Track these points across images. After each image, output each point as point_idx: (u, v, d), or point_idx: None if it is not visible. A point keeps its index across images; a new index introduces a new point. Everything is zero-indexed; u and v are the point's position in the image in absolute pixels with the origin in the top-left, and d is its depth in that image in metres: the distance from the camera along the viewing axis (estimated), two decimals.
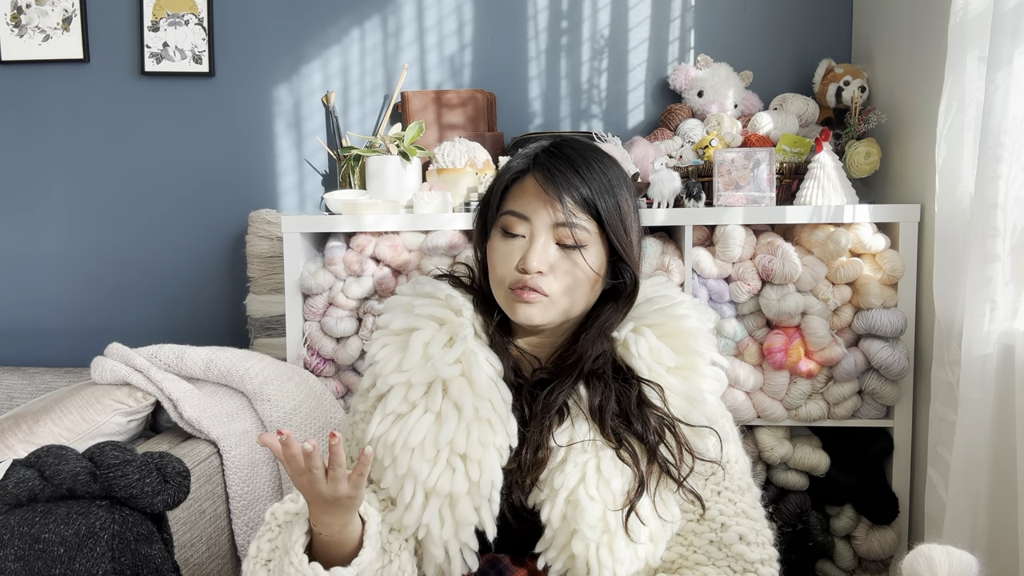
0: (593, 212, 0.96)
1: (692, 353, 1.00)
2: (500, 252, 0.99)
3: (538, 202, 0.96)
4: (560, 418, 0.97)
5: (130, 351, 1.60)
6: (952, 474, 1.37)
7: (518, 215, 0.98)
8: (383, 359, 1.01)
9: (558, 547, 0.93)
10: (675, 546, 0.97)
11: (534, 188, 0.97)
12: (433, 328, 1.01)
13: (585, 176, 0.96)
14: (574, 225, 0.95)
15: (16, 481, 1.09)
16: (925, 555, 0.80)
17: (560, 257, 0.97)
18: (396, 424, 0.97)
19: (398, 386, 0.98)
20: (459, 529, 0.93)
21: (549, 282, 0.96)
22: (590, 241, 0.97)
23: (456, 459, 0.94)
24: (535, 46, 2.23)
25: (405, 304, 1.05)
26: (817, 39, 2.16)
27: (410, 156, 2.00)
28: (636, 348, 0.99)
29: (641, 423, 0.95)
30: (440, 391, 0.96)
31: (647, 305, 1.04)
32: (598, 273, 0.98)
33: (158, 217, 2.32)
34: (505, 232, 0.99)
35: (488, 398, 0.95)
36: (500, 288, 0.99)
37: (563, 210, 0.94)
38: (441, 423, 0.95)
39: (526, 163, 1.00)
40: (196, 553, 1.43)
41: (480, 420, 0.95)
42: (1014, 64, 1.26)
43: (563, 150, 0.99)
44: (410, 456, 0.94)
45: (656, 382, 0.98)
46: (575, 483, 0.92)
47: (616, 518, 0.91)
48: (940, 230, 1.51)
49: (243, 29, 2.25)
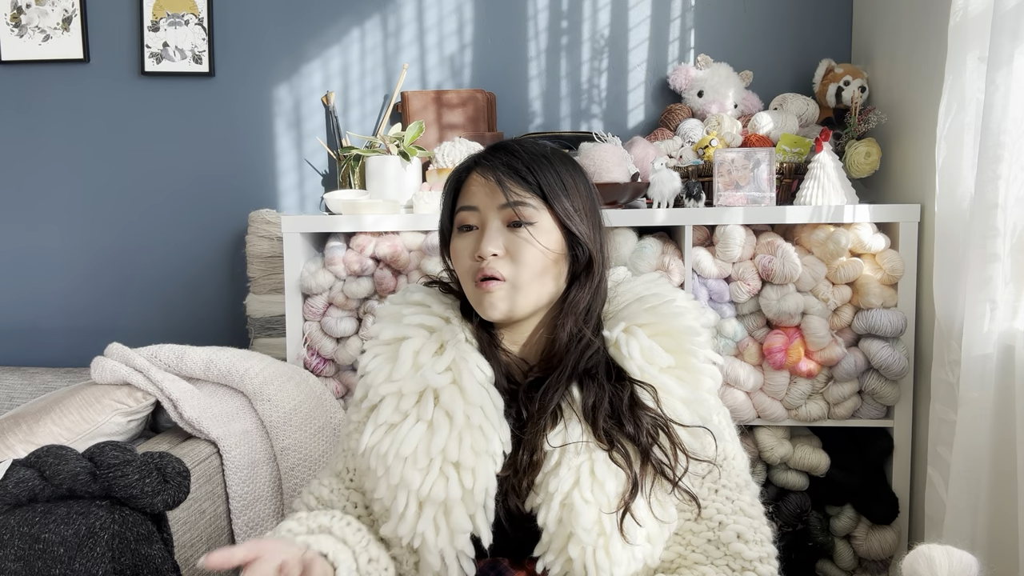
0: (536, 189, 0.98)
1: (685, 352, 1.00)
2: (459, 248, 1.01)
3: (483, 191, 0.99)
4: (554, 420, 0.97)
5: (130, 351, 1.60)
6: (952, 474, 1.37)
7: (467, 207, 1.00)
8: (374, 370, 1.02)
9: (555, 550, 0.93)
10: (673, 545, 0.97)
11: (478, 180, 1.00)
12: (423, 336, 1.01)
13: (522, 158, 0.99)
14: (517, 203, 0.97)
15: (16, 481, 1.09)
16: (925, 555, 0.80)
17: (513, 239, 0.98)
18: (388, 434, 0.97)
19: (389, 396, 0.99)
20: (454, 537, 0.93)
21: (505, 265, 0.97)
22: (537, 217, 0.98)
23: (449, 467, 0.94)
24: (535, 46, 2.23)
25: (394, 313, 1.05)
26: (817, 39, 2.16)
27: (410, 156, 2.00)
28: (628, 349, 0.99)
29: (633, 424, 0.94)
30: (431, 400, 0.97)
31: (638, 304, 1.04)
32: (553, 250, 0.99)
33: (158, 217, 2.32)
34: (460, 228, 1.02)
35: (479, 405, 0.96)
36: (468, 286, 1.01)
37: (504, 191, 0.97)
38: (433, 432, 0.95)
39: (469, 163, 1.03)
40: (196, 553, 1.43)
41: (472, 427, 0.95)
42: (1014, 64, 1.26)
43: (504, 145, 1.03)
44: (402, 466, 0.94)
45: (649, 383, 0.97)
46: (569, 486, 0.92)
47: (612, 520, 0.91)
48: (940, 230, 1.51)
49: (243, 29, 2.25)
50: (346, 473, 1.08)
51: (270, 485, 1.61)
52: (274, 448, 1.62)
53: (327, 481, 1.08)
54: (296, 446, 1.62)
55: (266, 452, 1.62)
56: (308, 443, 1.64)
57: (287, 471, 1.61)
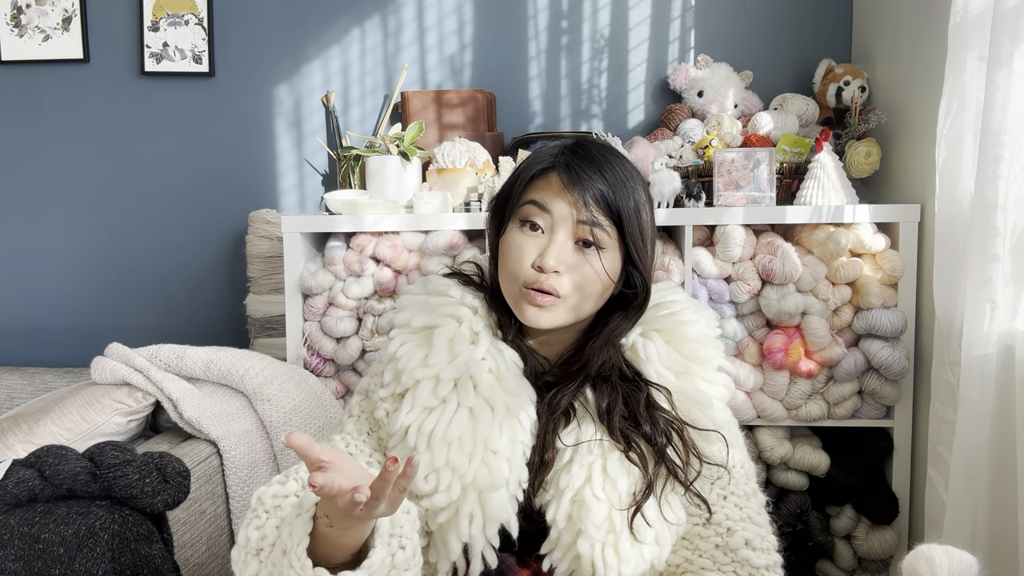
0: (614, 216, 0.95)
1: (699, 360, 1.01)
2: (516, 244, 0.97)
3: (560, 199, 0.95)
4: (566, 419, 0.97)
5: (130, 351, 1.60)
6: (952, 474, 1.37)
7: (540, 205, 0.96)
8: (406, 355, 1.00)
9: (563, 547, 0.93)
10: (680, 550, 0.97)
11: (557, 184, 0.96)
12: (454, 326, 1.00)
13: (608, 178, 0.95)
14: (596, 224, 0.94)
15: (16, 481, 1.09)
16: (925, 555, 0.80)
17: (577, 258, 0.95)
18: (432, 415, 0.96)
19: (425, 380, 0.97)
20: (487, 525, 0.93)
21: (563, 282, 0.95)
22: (608, 244, 0.96)
23: (490, 455, 0.94)
24: (535, 46, 2.23)
25: (421, 303, 1.04)
26: (817, 39, 2.16)
27: (410, 156, 2.00)
28: (645, 352, 0.99)
29: (650, 424, 0.95)
30: (470, 387, 0.96)
31: (655, 310, 1.04)
32: (612, 279, 0.97)
33: (158, 217, 2.32)
34: (523, 223, 0.97)
35: (516, 395, 0.96)
36: (513, 284, 0.98)
37: (586, 209, 0.93)
38: (476, 420, 0.95)
39: (550, 160, 0.98)
40: (196, 553, 1.43)
41: (511, 417, 0.95)
42: (1014, 64, 1.26)
43: (587, 150, 0.98)
44: (448, 448, 0.94)
45: (664, 386, 0.98)
46: (581, 483, 0.93)
47: (622, 518, 0.91)
48: (940, 230, 1.51)
49: (243, 29, 2.25)
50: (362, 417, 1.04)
51: None
52: (274, 448, 1.62)
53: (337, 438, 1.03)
54: None
55: (266, 452, 1.62)
56: None
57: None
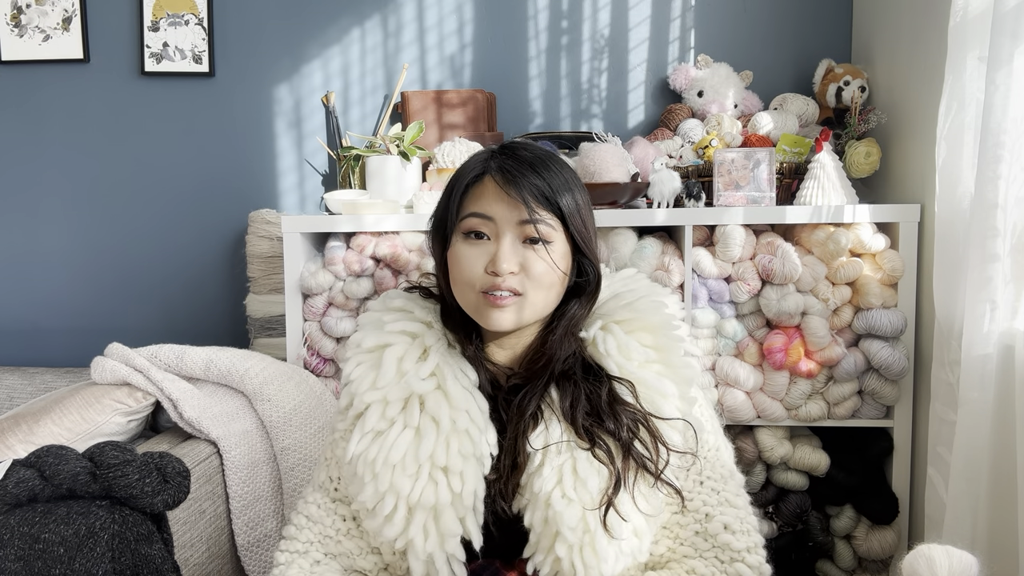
0: (555, 209, 0.96)
1: (663, 347, 1.00)
2: (465, 256, 0.97)
3: (500, 202, 0.96)
4: (535, 422, 0.97)
5: (130, 351, 1.60)
6: (952, 474, 1.37)
7: (481, 215, 0.97)
8: (358, 378, 1.01)
9: (543, 550, 0.93)
10: (663, 540, 0.98)
11: (494, 189, 0.97)
12: (405, 343, 1.01)
13: (542, 173, 0.97)
14: (540, 221, 0.95)
15: (16, 481, 1.09)
16: (925, 555, 0.80)
17: (528, 255, 0.96)
18: (376, 441, 0.97)
19: (375, 404, 0.98)
20: (444, 541, 0.94)
21: (521, 281, 0.96)
22: (555, 237, 0.97)
23: (438, 472, 0.94)
24: (535, 46, 2.23)
25: (375, 320, 1.05)
26: (817, 39, 2.16)
27: (410, 156, 2.00)
28: (605, 346, 0.99)
29: (613, 420, 0.95)
30: (417, 406, 0.97)
31: (615, 301, 1.05)
32: (564, 271, 0.99)
33: (158, 217, 2.32)
34: (468, 235, 0.98)
35: (465, 409, 0.96)
36: (469, 293, 0.98)
37: (527, 207, 0.94)
38: (421, 438, 0.95)
39: (482, 166, 0.99)
40: (196, 553, 1.43)
41: (458, 432, 0.95)
42: (1014, 64, 1.26)
43: (515, 150, 1.00)
44: (391, 472, 0.94)
45: (627, 378, 0.98)
46: (552, 486, 0.93)
47: (596, 517, 0.92)
48: (940, 230, 1.51)
49: (243, 29, 2.25)
50: (330, 483, 1.07)
51: (270, 485, 1.61)
52: (274, 448, 1.62)
53: (312, 497, 1.08)
54: (296, 446, 1.62)
55: (266, 452, 1.62)
56: (308, 443, 1.64)
57: (287, 471, 1.61)
